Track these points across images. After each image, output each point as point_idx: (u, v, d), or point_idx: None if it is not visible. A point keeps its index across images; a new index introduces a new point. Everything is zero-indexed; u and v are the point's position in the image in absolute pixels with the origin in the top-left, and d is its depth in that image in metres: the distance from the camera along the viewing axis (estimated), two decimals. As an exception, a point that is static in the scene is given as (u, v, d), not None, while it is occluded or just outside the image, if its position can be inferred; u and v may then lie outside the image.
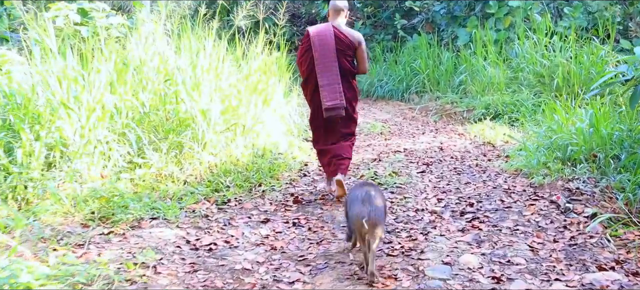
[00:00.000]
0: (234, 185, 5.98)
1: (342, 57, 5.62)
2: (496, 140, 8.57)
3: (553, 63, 10.92)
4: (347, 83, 5.69)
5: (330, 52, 5.56)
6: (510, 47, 12.36)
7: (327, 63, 5.56)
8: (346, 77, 5.68)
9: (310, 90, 5.77)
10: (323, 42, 5.57)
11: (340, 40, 5.62)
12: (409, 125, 10.52)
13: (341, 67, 5.61)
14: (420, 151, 8.09)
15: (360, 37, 5.76)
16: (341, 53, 5.61)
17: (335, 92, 5.54)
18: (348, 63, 5.68)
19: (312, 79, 5.68)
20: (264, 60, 8.02)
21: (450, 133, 9.53)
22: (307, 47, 5.68)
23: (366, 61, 5.83)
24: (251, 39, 8.45)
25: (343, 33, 5.66)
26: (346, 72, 5.67)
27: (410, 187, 6.12)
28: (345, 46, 5.64)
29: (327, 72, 5.55)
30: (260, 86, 7.56)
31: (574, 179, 6.00)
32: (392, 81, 14.26)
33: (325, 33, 5.62)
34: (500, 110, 10.26)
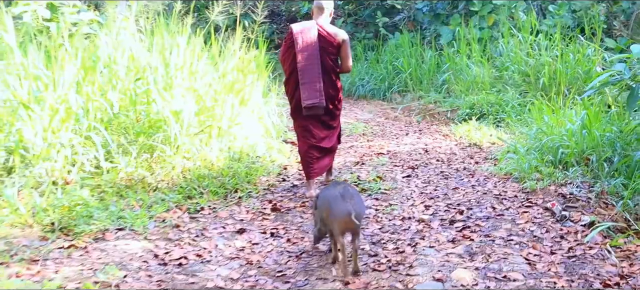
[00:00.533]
0: (208, 191, 5.59)
1: (325, 56, 5.56)
2: (483, 141, 8.26)
3: (539, 62, 10.65)
4: (330, 81, 5.64)
5: (313, 50, 5.50)
6: (495, 46, 12.07)
7: (309, 61, 5.50)
8: (329, 75, 5.62)
9: (292, 88, 5.70)
10: (306, 39, 5.51)
11: (323, 38, 5.55)
12: (391, 126, 10.18)
13: (324, 65, 5.56)
14: (404, 153, 7.74)
15: (344, 35, 5.68)
16: (324, 51, 5.56)
17: (315, 91, 5.49)
18: (331, 61, 5.62)
19: (294, 76, 5.61)
20: (242, 58, 7.62)
21: (434, 134, 9.20)
22: (290, 44, 5.61)
23: (350, 60, 5.74)
24: (229, 37, 8.06)
25: (327, 31, 5.59)
26: (329, 70, 5.61)
27: (395, 193, 5.76)
28: (329, 44, 5.58)
29: (309, 70, 5.49)
30: (237, 86, 7.17)
31: (567, 183, 5.70)
32: (373, 80, 13.91)
33: (309, 30, 5.55)
34: (486, 110, 9.96)
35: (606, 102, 7.41)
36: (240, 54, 7.70)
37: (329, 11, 5.75)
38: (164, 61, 6.44)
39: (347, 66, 5.75)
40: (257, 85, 7.90)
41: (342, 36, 5.66)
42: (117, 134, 5.97)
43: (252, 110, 7.45)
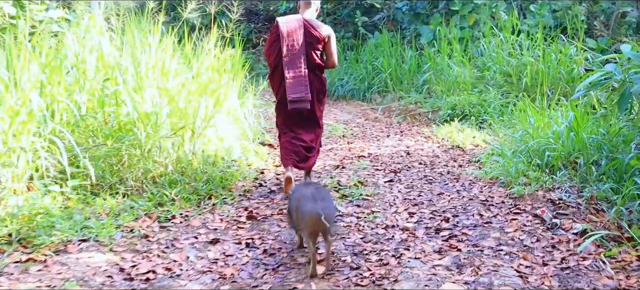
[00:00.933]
0: (180, 198, 5.28)
1: (310, 50, 5.52)
2: (466, 143, 8.02)
3: (521, 62, 10.47)
4: (315, 76, 5.62)
5: (299, 44, 5.46)
6: (476, 46, 11.87)
7: (294, 55, 5.46)
8: (314, 70, 5.59)
9: (277, 82, 5.64)
10: (292, 34, 5.46)
11: (309, 33, 5.50)
12: (372, 127, 9.91)
13: (309, 60, 5.52)
14: (386, 156, 7.48)
15: (330, 31, 5.66)
16: (310, 46, 5.51)
17: (300, 85, 5.45)
18: (317, 57, 5.58)
19: (279, 71, 5.55)
20: (216, 57, 7.31)
21: (416, 136, 8.95)
22: (275, 37, 5.55)
23: (335, 55, 5.72)
24: (205, 36, 7.74)
25: (313, 26, 5.55)
26: (315, 65, 5.58)
27: (378, 200, 5.48)
28: (315, 39, 5.52)
29: (294, 64, 5.45)
30: (211, 86, 6.85)
31: (555, 188, 5.47)
32: (353, 80, 13.63)
33: (295, 25, 5.51)
34: (467, 111, 9.74)
35: (591, 104, 7.20)
36: (215, 53, 7.39)
37: (316, 6, 5.74)
38: (133, 61, 6.09)
39: (332, 62, 5.73)
40: (233, 86, 7.59)
41: (328, 32, 5.63)
42: (86, 137, 5.63)
43: (227, 111, 7.14)
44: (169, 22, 9.09)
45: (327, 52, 5.70)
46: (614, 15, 12.80)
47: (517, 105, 9.57)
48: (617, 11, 12.84)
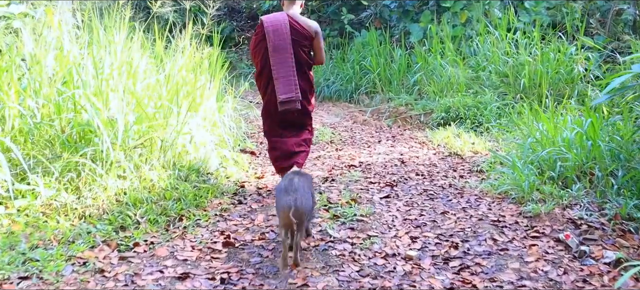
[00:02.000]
0: (145, 220, 4.52)
1: (297, 48, 5.27)
2: (464, 150, 7.34)
3: (517, 62, 9.81)
4: (303, 74, 5.35)
5: (286, 42, 5.19)
6: (469, 45, 11.19)
7: (282, 54, 5.20)
8: (302, 68, 5.33)
9: (264, 83, 5.38)
10: (278, 32, 5.20)
11: (295, 30, 5.26)
12: (361, 131, 9.19)
13: (297, 58, 5.26)
14: (379, 165, 6.76)
15: (316, 27, 5.40)
16: (297, 44, 5.26)
17: (290, 85, 5.20)
18: (304, 54, 5.35)
19: (267, 71, 5.29)
20: (192, 56, 6.55)
21: (409, 141, 8.24)
22: (261, 37, 5.29)
23: (323, 52, 5.52)
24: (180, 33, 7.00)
25: (299, 23, 5.31)
26: (302, 64, 5.33)
27: (374, 220, 4.73)
28: (301, 36, 5.29)
29: (282, 63, 5.20)
30: (186, 88, 6.10)
31: (573, 204, 4.80)
32: (339, 80, 12.91)
33: (280, 22, 5.24)
34: (462, 114, 9.06)
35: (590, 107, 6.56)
36: (190, 52, 6.64)
37: (300, 2, 5.50)
38: (94, 61, 5.30)
39: (320, 58, 5.52)
40: (211, 88, 6.84)
41: (315, 27, 5.38)
42: (40, 148, 4.87)
43: (203, 116, 6.39)
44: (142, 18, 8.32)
45: (314, 48, 5.45)
46: (611, 13, 12.16)
47: (515, 108, 8.93)
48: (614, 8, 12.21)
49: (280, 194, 3.76)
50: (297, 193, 3.71)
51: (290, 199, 3.64)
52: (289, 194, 3.69)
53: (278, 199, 3.79)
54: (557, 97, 9.26)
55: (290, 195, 3.68)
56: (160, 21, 9.04)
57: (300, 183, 3.87)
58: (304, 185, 3.92)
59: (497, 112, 9.05)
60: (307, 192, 3.90)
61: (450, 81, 10.14)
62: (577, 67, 9.38)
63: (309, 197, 3.88)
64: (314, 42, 5.41)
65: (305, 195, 3.81)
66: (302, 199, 3.70)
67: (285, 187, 3.78)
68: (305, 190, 3.86)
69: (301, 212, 3.67)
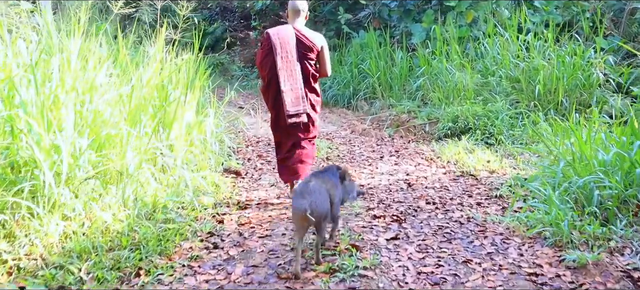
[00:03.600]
0: (92, 277, 3.51)
1: (304, 61, 5.20)
2: (478, 169, 6.35)
3: (531, 66, 8.83)
4: (310, 87, 5.30)
5: (292, 55, 5.13)
6: (475, 47, 10.20)
7: (289, 67, 5.13)
8: (308, 81, 5.27)
9: (272, 95, 5.24)
10: (284, 44, 5.13)
11: (302, 43, 5.18)
12: (361, 144, 8.19)
13: (304, 71, 5.20)
14: (382, 190, 5.76)
15: (322, 39, 5.33)
16: (303, 56, 5.19)
17: (298, 98, 5.15)
18: (311, 67, 5.26)
19: (274, 84, 5.17)
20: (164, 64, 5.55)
21: (415, 157, 7.24)
22: (268, 50, 5.17)
23: (329, 64, 5.41)
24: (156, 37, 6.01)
25: (305, 35, 5.21)
26: (309, 76, 5.26)
27: (381, 276, 3.65)
28: (308, 49, 5.20)
29: (290, 76, 5.13)
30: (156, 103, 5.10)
31: (621, 248, 3.83)
32: (336, 85, 11.91)
33: (287, 36, 5.16)
34: (472, 124, 8.07)
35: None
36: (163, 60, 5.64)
37: (305, 14, 5.37)
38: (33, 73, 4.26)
39: (326, 71, 5.41)
40: (188, 100, 5.84)
41: (322, 41, 5.30)
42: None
43: (177, 134, 5.39)
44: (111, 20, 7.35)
45: (320, 61, 5.34)
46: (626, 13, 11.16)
47: (530, 117, 7.95)
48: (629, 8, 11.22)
49: (296, 198, 3.67)
50: (313, 196, 3.62)
51: (305, 202, 3.55)
52: (304, 197, 3.61)
53: (293, 201, 3.70)
54: (575, 105, 8.30)
55: (305, 198, 3.59)
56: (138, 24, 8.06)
57: (316, 186, 3.76)
58: (321, 188, 3.78)
59: (509, 122, 8.08)
60: (324, 195, 3.76)
61: (457, 87, 9.15)
62: (596, 72, 8.41)
63: (325, 200, 3.74)
64: (320, 55, 5.29)
65: (321, 198, 3.70)
66: (317, 202, 3.61)
67: (301, 191, 3.71)
68: (321, 193, 3.74)
69: (317, 215, 3.59)
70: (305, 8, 5.38)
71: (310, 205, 3.55)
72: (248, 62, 16.16)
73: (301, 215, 3.53)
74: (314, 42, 5.22)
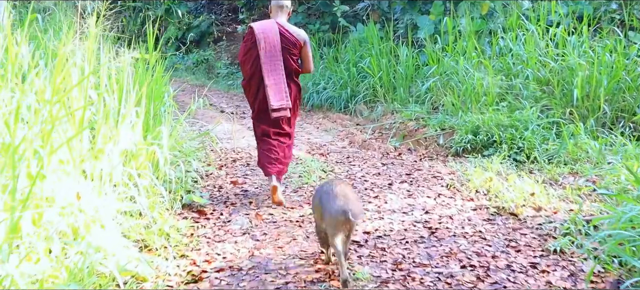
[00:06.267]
0: None
1: (287, 56, 5.09)
2: (519, 205, 4.69)
3: (566, 65, 7.18)
4: (293, 82, 5.19)
5: (276, 50, 5.03)
6: (492, 42, 8.53)
7: (272, 62, 5.03)
8: (291, 76, 5.15)
9: (254, 90, 5.13)
10: (268, 39, 5.02)
11: (285, 38, 5.08)
12: (362, 163, 6.50)
13: (286, 66, 5.09)
14: (395, 241, 4.07)
15: (305, 35, 5.23)
16: (286, 51, 5.08)
17: (281, 92, 5.05)
18: (293, 62, 5.15)
19: (256, 79, 5.08)
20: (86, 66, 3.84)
21: (432, 183, 5.54)
22: (251, 44, 5.06)
23: (311, 60, 5.32)
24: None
25: (288, 30, 5.11)
26: (291, 71, 5.15)
27: None
28: (291, 44, 5.10)
29: (273, 71, 5.04)
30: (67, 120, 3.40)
31: None
32: (332, 86, 10.19)
33: (271, 30, 5.05)
34: (497, 137, 6.42)
35: None
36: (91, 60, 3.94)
37: (289, 10, 5.30)
38: None
39: (308, 67, 5.34)
40: (131, 115, 4.16)
41: (304, 36, 5.22)
42: None
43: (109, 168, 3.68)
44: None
45: (303, 56, 5.25)
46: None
47: (567, 128, 6.32)
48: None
49: (331, 200, 3.33)
50: (348, 198, 3.34)
51: (344, 204, 3.28)
52: (339, 199, 3.31)
53: (329, 205, 3.33)
54: (617, 112, 6.70)
55: (341, 200, 3.30)
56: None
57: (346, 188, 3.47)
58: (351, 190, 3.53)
59: (541, 133, 6.44)
60: (356, 196, 3.57)
61: (475, 90, 7.48)
62: (645, 71, 6.80)
63: (358, 201, 3.54)
64: (302, 51, 5.21)
65: (356, 199, 3.45)
66: (355, 204, 3.35)
67: (333, 193, 3.35)
68: (354, 194, 3.49)
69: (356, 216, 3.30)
70: (289, 4, 5.28)
71: (350, 207, 3.27)
72: (235, 59, 14.50)
73: (342, 219, 3.26)
74: (297, 37, 5.12)
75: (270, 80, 5.00)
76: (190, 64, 14.83)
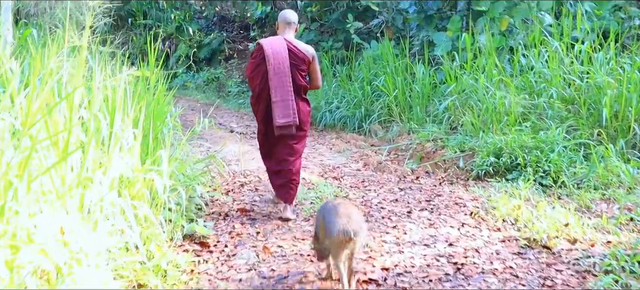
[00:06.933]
0: None
1: (295, 72, 5.01)
2: (551, 236, 4.24)
3: (594, 83, 6.76)
4: (300, 98, 5.08)
5: (284, 66, 4.95)
6: (512, 60, 8.12)
7: (281, 78, 4.94)
8: (299, 92, 5.06)
9: (263, 107, 5.05)
10: (277, 55, 4.95)
11: (293, 54, 5.01)
12: (378, 187, 6.08)
13: (295, 82, 5.00)
14: (417, 278, 3.64)
15: (313, 51, 5.15)
16: (295, 67, 5.01)
17: (288, 109, 4.94)
18: (302, 78, 5.08)
19: (265, 94, 5.00)
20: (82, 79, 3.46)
21: (454, 210, 5.11)
22: (260, 60, 5.01)
23: (319, 76, 5.26)
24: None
25: (296, 47, 5.05)
26: (299, 88, 5.06)
27: None
28: (299, 60, 5.03)
29: (281, 87, 4.94)
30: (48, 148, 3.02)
31: None
32: (345, 105, 9.79)
33: (279, 46, 4.99)
34: (521, 160, 5.98)
35: None
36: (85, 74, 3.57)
37: (296, 26, 5.23)
38: None
39: (316, 83, 5.25)
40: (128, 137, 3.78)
41: (312, 52, 5.13)
42: None
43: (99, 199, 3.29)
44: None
45: (311, 72, 5.16)
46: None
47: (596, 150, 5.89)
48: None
49: (335, 220, 3.27)
50: (352, 217, 3.29)
51: (348, 223, 3.23)
52: (342, 218, 3.27)
53: (333, 224, 3.26)
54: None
55: (345, 219, 3.25)
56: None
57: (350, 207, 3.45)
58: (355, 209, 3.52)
59: (568, 156, 6.01)
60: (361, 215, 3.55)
61: (496, 109, 7.06)
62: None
63: (362, 221, 3.45)
64: (311, 67, 5.14)
65: (360, 219, 3.41)
66: (359, 224, 3.31)
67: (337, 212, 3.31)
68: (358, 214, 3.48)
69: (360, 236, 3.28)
70: (295, 20, 5.23)
71: (354, 227, 3.23)
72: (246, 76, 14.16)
73: (345, 238, 3.22)
74: (306, 53, 5.07)
75: (277, 96, 4.94)
76: (201, 83, 14.50)
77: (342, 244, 3.24)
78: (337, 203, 3.48)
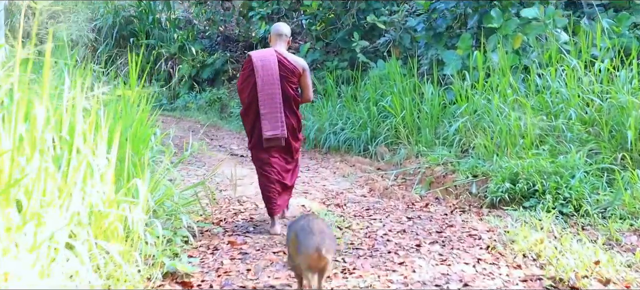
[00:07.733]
0: None
1: (285, 84, 4.98)
2: (581, 275, 3.72)
3: (617, 104, 6.26)
4: (291, 111, 5.07)
5: (274, 78, 4.93)
6: (526, 79, 7.64)
7: (269, 90, 4.91)
8: (290, 105, 5.05)
9: (251, 120, 5.03)
10: (266, 67, 4.93)
11: (283, 66, 4.98)
12: (384, 216, 5.54)
13: (285, 94, 4.98)
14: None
15: (304, 63, 5.15)
16: (285, 79, 4.98)
17: (276, 122, 4.92)
18: (292, 90, 5.05)
19: (254, 107, 4.97)
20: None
21: (468, 243, 4.58)
22: (249, 72, 5.00)
23: (311, 89, 5.19)
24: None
25: (287, 59, 5.03)
26: (290, 99, 5.04)
27: None
28: (290, 72, 5.00)
29: (269, 100, 4.91)
30: None
31: None
32: (350, 126, 9.30)
33: (269, 58, 4.98)
34: (539, 186, 5.47)
35: None
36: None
37: (288, 38, 5.21)
38: None
39: (308, 96, 5.21)
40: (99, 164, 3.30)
41: (303, 64, 5.12)
42: None
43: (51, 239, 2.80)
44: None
45: (302, 85, 5.13)
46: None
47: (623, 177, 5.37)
48: None
49: (307, 235, 3.23)
50: (324, 234, 3.26)
51: (319, 240, 3.19)
52: (315, 234, 3.22)
53: (304, 240, 3.23)
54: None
55: (317, 235, 3.21)
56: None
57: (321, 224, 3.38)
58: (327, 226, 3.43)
59: (590, 181, 5.50)
60: (332, 233, 3.52)
61: (511, 131, 6.55)
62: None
63: (334, 238, 3.45)
64: (301, 79, 5.08)
65: (331, 235, 3.38)
66: (329, 240, 3.28)
67: (309, 229, 3.26)
68: (330, 230, 3.43)
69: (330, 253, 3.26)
70: (288, 33, 5.20)
71: (324, 243, 3.17)
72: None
73: (316, 255, 3.15)
74: (296, 65, 5.02)
75: (265, 108, 4.91)
76: (203, 103, 14.07)
77: (315, 262, 3.20)
78: (309, 220, 3.42)
